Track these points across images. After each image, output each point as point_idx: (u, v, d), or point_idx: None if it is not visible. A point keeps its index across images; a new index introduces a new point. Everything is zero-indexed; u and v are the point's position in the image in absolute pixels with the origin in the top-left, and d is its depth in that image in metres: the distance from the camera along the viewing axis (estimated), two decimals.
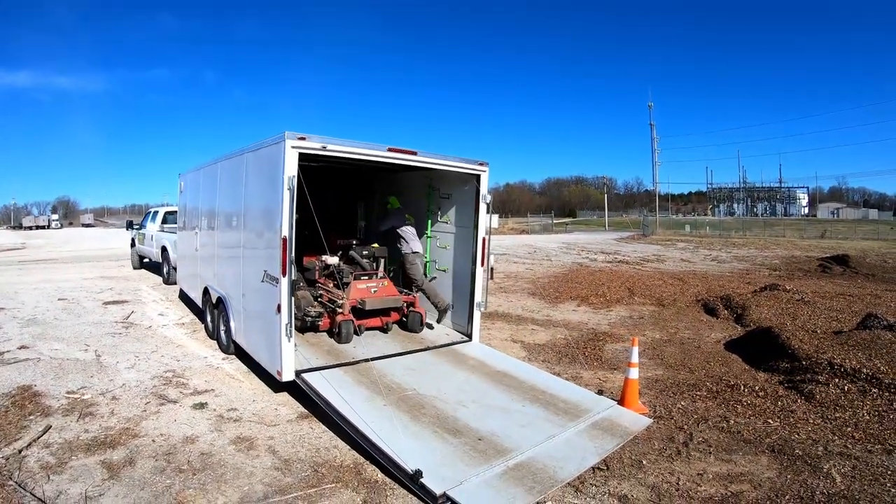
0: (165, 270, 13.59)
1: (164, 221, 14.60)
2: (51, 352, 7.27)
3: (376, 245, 8.07)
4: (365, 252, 7.84)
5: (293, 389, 5.68)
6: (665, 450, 4.59)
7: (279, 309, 5.31)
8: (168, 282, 13.29)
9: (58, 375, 6.31)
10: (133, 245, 16.87)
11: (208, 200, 8.42)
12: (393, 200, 8.50)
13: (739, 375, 6.58)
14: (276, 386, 5.85)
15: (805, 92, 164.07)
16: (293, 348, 5.44)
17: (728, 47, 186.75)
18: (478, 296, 7.17)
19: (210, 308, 8.01)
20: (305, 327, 6.86)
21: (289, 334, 5.31)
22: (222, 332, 7.39)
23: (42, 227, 72.67)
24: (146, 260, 16.25)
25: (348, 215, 9.42)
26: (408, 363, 6.25)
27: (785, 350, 6.84)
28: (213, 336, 7.91)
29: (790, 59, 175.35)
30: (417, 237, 8.27)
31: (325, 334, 7.05)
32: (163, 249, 13.78)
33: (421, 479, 3.78)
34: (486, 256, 7.11)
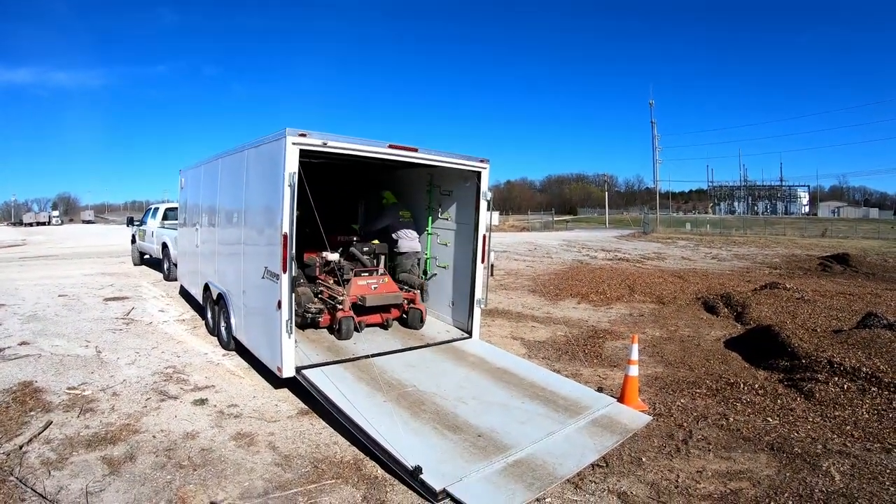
0: (166, 267, 13.60)
1: (165, 218, 14.61)
2: (51, 348, 7.27)
3: (377, 242, 8.05)
4: (365, 249, 7.83)
5: (293, 386, 5.69)
6: (664, 447, 4.60)
7: (280, 305, 5.31)
8: (169, 278, 13.29)
9: (58, 371, 6.32)
10: (134, 241, 16.86)
11: (209, 197, 8.42)
12: (388, 195, 8.46)
13: (739, 373, 6.58)
14: (277, 382, 5.86)
15: (806, 90, 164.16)
16: (293, 345, 5.44)
17: (729, 45, 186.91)
18: (478, 293, 7.17)
19: (211, 304, 8.02)
20: (306, 324, 6.87)
21: (289, 331, 5.31)
22: (223, 329, 7.39)
23: (43, 224, 72.53)
24: (147, 256, 16.27)
25: (349, 212, 9.42)
26: (408, 360, 6.26)
27: (785, 348, 6.83)
28: (214, 332, 7.92)
29: (792, 58, 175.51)
30: (415, 235, 8.26)
31: (326, 331, 7.05)
32: (163, 246, 13.78)
33: (421, 476, 3.79)
34: (487, 253, 7.11)
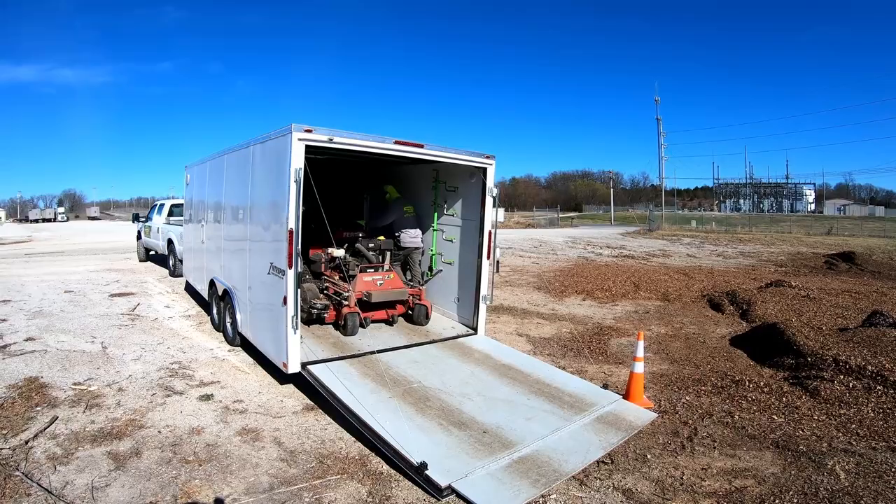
0: (171, 263, 13.64)
1: (170, 214, 14.66)
2: (57, 343, 7.31)
3: (382, 237, 8.04)
4: (371, 245, 7.82)
5: (299, 381, 5.71)
6: (669, 444, 4.60)
7: (285, 301, 5.32)
8: (174, 274, 13.35)
9: (64, 367, 6.35)
10: (139, 238, 16.92)
11: (214, 193, 8.43)
12: (391, 190, 8.42)
13: (744, 371, 6.56)
14: (282, 378, 5.88)
15: (813, 88, 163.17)
16: (299, 340, 5.45)
17: (736, 42, 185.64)
18: (483, 289, 7.16)
19: (216, 300, 8.04)
20: (311, 319, 6.88)
21: (295, 326, 5.31)
22: (228, 324, 7.40)
23: (48, 220, 72.95)
24: (152, 252, 16.35)
25: (354, 208, 9.41)
26: (413, 356, 6.26)
27: (790, 346, 6.82)
28: (219, 328, 7.95)
29: (798, 55, 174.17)
30: (418, 232, 8.26)
31: (331, 326, 7.07)
32: (169, 242, 13.81)
33: (426, 471, 3.80)
34: (492, 250, 7.10)
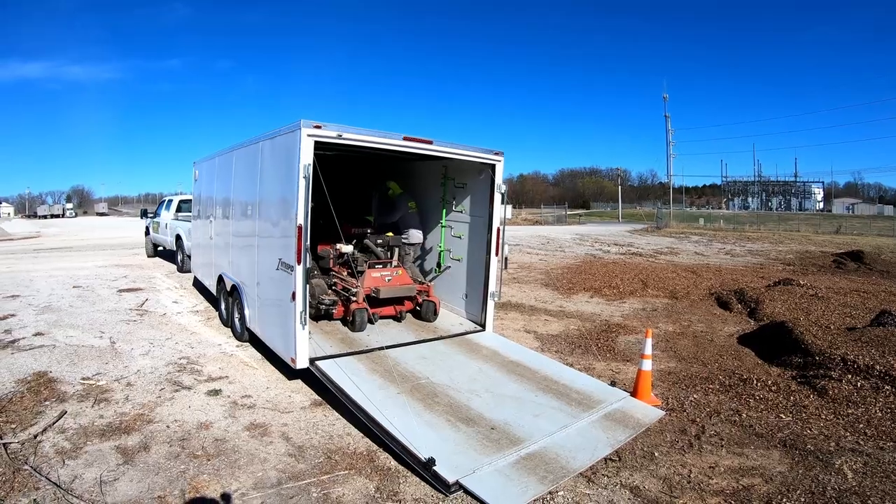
0: (179, 258, 13.69)
1: (179, 210, 14.67)
2: (66, 338, 7.34)
3: (391, 234, 8.04)
4: (379, 241, 7.82)
5: (307, 377, 5.72)
6: (677, 442, 4.60)
7: (294, 297, 5.32)
8: (182, 270, 13.39)
9: (73, 362, 6.38)
10: (147, 233, 16.98)
11: (223, 188, 8.45)
12: (394, 186, 8.39)
13: (752, 369, 6.54)
14: (290, 373, 5.90)
15: (822, 86, 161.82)
16: (307, 336, 5.46)
17: (744, 40, 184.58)
18: (492, 286, 7.15)
19: (224, 296, 8.07)
20: (319, 315, 6.89)
21: (303, 322, 5.32)
22: (236, 320, 7.43)
23: (56, 216, 73.32)
24: (160, 248, 16.38)
25: (363, 204, 9.41)
26: (421, 352, 6.27)
27: (798, 345, 6.79)
28: (228, 323, 7.98)
29: (807, 53, 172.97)
30: (419, 227, 8.30)
31: (339, 322, 7.08)
32: (177, 238, 13.86)
33: (434, 467, 3.81)
34: (501, 246, 7.09)
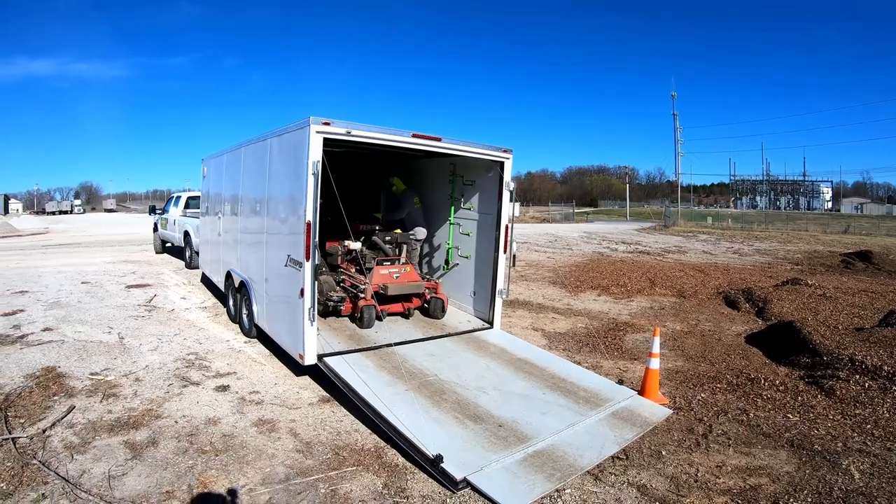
0: (188, 255, 13.75)
1: (187, 206, 14.74)
2: (74, 334, 7.38)
3: (399, 231, 8.05)
4: (388, 237, 7.82)
5: (315, 373, 5.74)
6: (684, 441, 4.59)
7: (302, 293, 5.34)
8: (190, 266, 13.45)
9: (81, 357, 6.41)
10: (156, 230, 17.06)
11: (232, 185, 8.47)
12: (397, 182, 8.38)
13: (760, 369, 6.52)
14: (298, 369, 5.92)
15: (831, 85, 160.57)
16: (316, 332, 5.47)
17: (753, 38, 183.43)
18: (500, 283, 7.14)
19: (232, 292, 8.09)
20: (327, 312, 6.90)
21: (312, 318, 5.33)
22: (244, 316, 7.46)
23: (65, 213, 73.70)
24: (169, 244, 16.47)
25: (371, 201, 9.41)
26: (429, 349, 6.27)
27: (806, 345, 6.76)
28: (235, 320, 8.00)
29: (816, 52, 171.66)
30: (424, 223, 8.34)
31: (347, 319, 7.09)
32: (185, 234, 13.93)
33: (441, 464, 3.81)
34: (509, 244, 7.07)
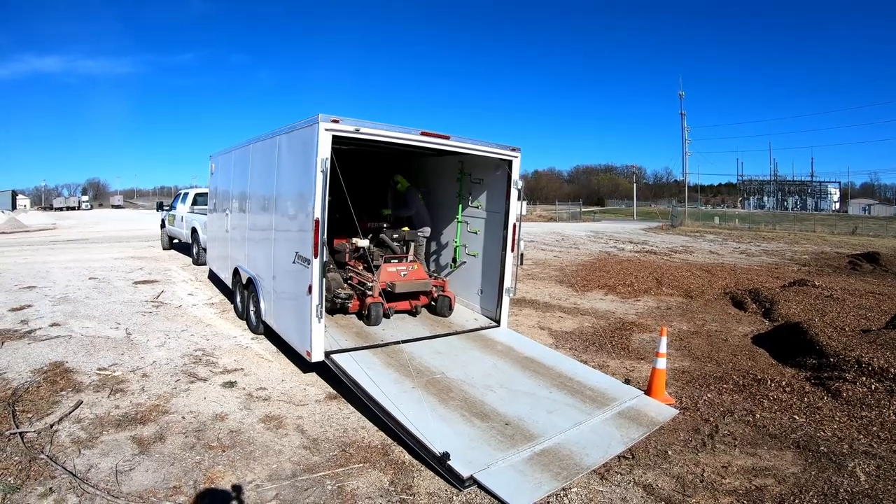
0: (195, 251, 13.79)
1: (195, 203, 14.80)
2: (82, 329, 7.41)
3: (407, 228, 8.05)
4: (395, 235, 7.83)
5: (321, 370, 5.77)
6: (690, 441, 4.59)
7: (310, 290, 5.35)
8: (197, 262, 13.51)
9: (89, 352, 6.44)
10: (163, 226, 17.13)
11: (240, 182, 8.49)
12: (401, 180, 8.36)
13: (766, 370, 6.50)
14: (305, 366, 5.94)
15: (839, 85, 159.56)
16: (323, 329, 5.49)
17: (761, 38, 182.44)
18: (507, 281, 7.14)
19: (240, 288, 8.12)
20: (335, 309, 6.91)
21: (319, 315, 5.35)
22: (252, 313, 7.49)
23: (72, 209, 74.01)
24: (176, 241, 16.57)
25: (379, 198, 9.42)
26: (436, 347, 6.28)
27: (813, 346, 6.74)
28: (243, 316, 8.03)
29: (824, 52, 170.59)
30: (427, 219, 8.37)
31: (355, 316, 7.10)
32: (193, 231, 13.97)
33: (448, 462, 3.82)
34: (517, 242, 7.07)
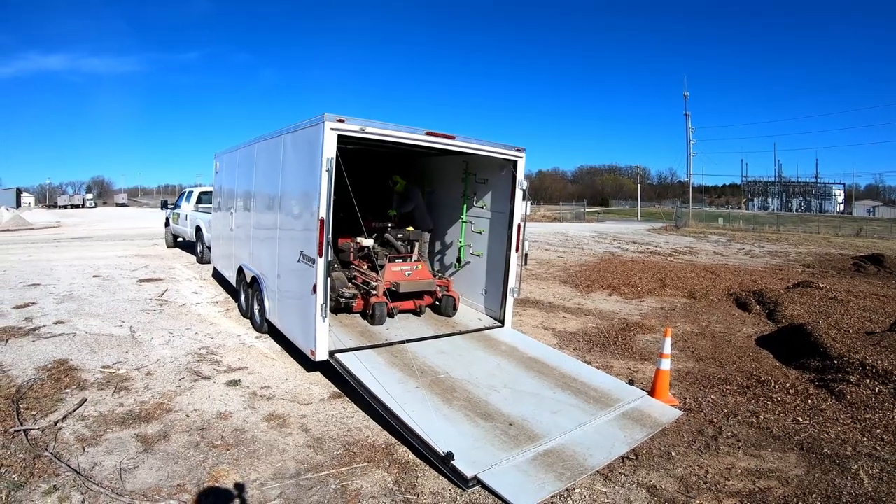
0: (199, 250, 13.82)
1: (199, 201, 14.81)
2: (86, 327, 7.43)
3: (411, 228, 8.04)
4: (400, 235, 7.83)
5: (325, 369, 5.76)
6: (694, 442, 4.59)
7: (315, 289, 5.36)
8: (201, 261, 13.53)
9: (93, 350, 6.46)
10: (167, 224, 17.17)
11: (244, 181, 8.50)
12: (399, 180, 8.38)
13: (770, 371, 6.49)
14: (309, 365, 5.95)
15: (844, 85, 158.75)
16: (327, 329, 5.50)
17: (766, 38, 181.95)
18: (511, 282, 7.14)
19: (244, 287, 8.13)
20: (339, 308, 6.92)
21: (324, 314, 5.36)
22: (256, 311, 7.50)
23: (77, 206, 74.15)
24: (180, 239, 16.57)
25: (384, 198, 9.43)
26: (440, 347, 6.28)
27: (817, 348, 6.72)
28: (247, 315, 8.05)
29: (830, 52, 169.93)
30: (426, 218, 8.43)
31: (359, 316, 7.11)
32: (197, 229, 14.02)
33: (452, 462, 3.83)
34: (521, 242, 7.06)
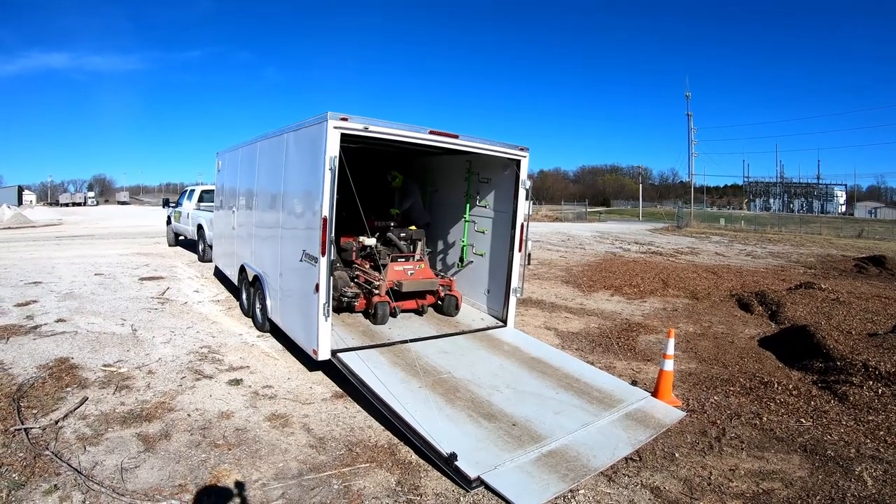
0: (201, 248, 13.82)
1: (201, 200, 14.80)
2: (87, 325, 7.41)
3: (414, 227, 8.04)
4: (402, 234, 7.81)
5: (328, 368, 5.75)
6: (697, 444, 4.58)
7: (317, 288, 5.35)
8: (203, 259, 13.54)
9: (94, 349, 6.44)
10: (169, 223, 17.16)
11: (247, 179, 8.49)
12: (397, 175, 8.37)
13: (773, 373, 6.48)
14: (311, 364, 5.94)
15: (846, 86, 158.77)
16: (330, 328, 5.49)
17: (768, 38, 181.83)
18: (514, 281, 7.14)
19: (246, 286, 8.13)
20: (341, 307, 6.92)
21: (326, 314, 5.35)
22: (258, 310, 7.49)
23: (78, 204, 74.26)
24: (182, 237, 16.55)
25: (386, 197, 9.42)
26: (443, 346, 6.28)
27: (819, 349, 6.72)
28: (249, 314, 8.03)
29: (832, 53, 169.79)
30: (424, 215, 8.46)
31: (361, 315, 7.10)
32: (198, 227, 14.01)
33: (455, 462, 3.82)
34: (524, 242, 7.06)
